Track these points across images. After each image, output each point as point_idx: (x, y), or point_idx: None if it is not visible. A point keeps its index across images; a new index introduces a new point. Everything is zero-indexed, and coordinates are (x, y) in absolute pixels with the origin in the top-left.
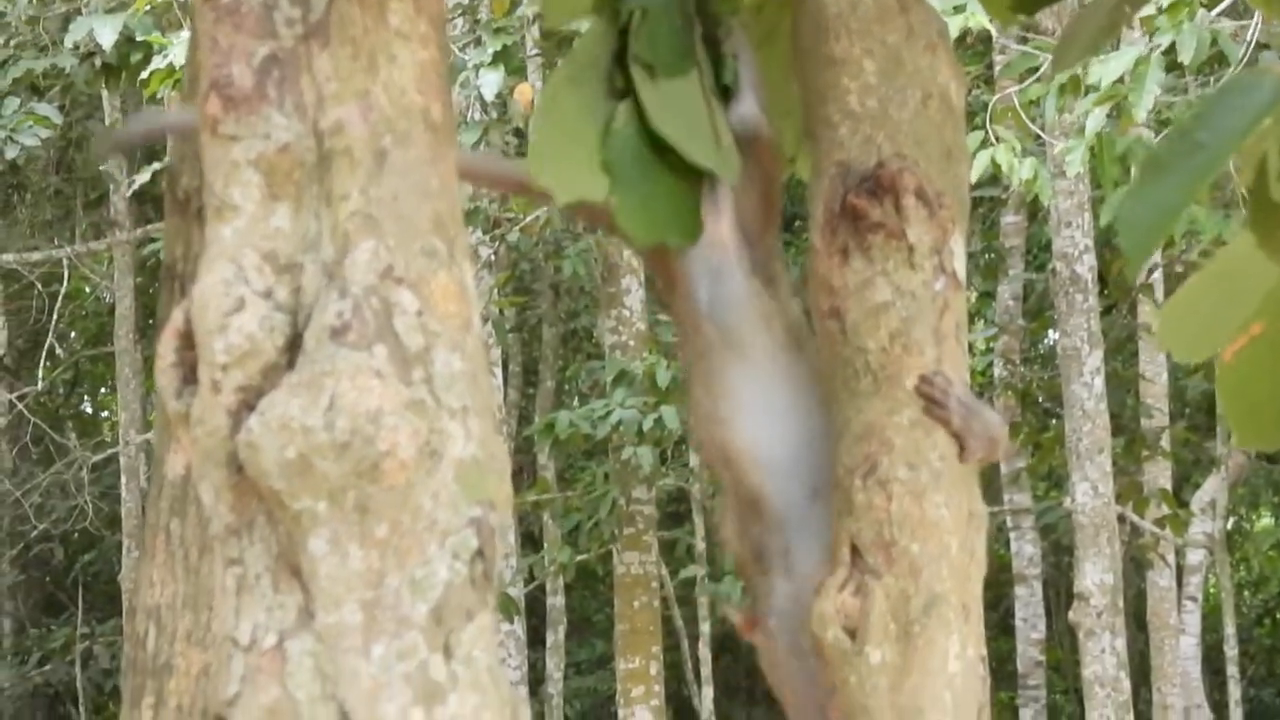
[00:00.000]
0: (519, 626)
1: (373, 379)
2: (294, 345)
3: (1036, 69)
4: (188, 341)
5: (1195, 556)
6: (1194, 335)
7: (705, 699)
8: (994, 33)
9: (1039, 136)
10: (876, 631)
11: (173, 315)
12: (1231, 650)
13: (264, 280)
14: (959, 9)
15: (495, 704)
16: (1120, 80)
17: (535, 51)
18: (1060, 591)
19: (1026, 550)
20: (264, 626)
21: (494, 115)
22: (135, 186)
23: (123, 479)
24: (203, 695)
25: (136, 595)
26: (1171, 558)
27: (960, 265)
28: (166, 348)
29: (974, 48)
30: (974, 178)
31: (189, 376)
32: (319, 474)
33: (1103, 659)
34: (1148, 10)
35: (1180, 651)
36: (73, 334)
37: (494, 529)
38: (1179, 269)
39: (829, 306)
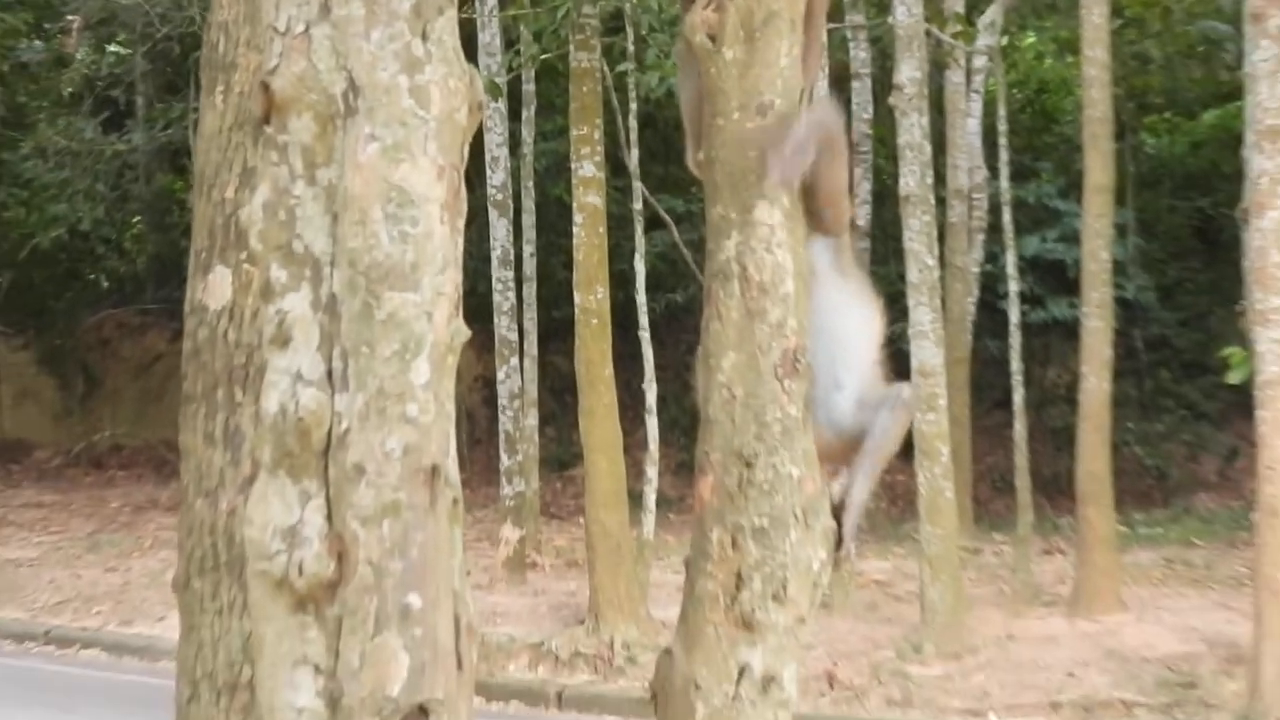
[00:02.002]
0: (502, 105)
1: None
2: None
3: None
4: None
5: (980, 61)
6: None
7: (633, 159)
8: None
9: None
10: (730, 36)
11: None
12: (1003, 127)
13: None
14: None
15: (458, 73)
16: None
17: None
18: (883, 86)
19: (860, 55)
20: (296, 18)
21: None
22: None
23: None
24: (258, 83)
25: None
26: (963, 62)
27: None
28: None
29: None
30: None
31: None
32: None
33: (912, 131)
34: None
35: (967, 129)
36: None
37: None
38: None
39: None
